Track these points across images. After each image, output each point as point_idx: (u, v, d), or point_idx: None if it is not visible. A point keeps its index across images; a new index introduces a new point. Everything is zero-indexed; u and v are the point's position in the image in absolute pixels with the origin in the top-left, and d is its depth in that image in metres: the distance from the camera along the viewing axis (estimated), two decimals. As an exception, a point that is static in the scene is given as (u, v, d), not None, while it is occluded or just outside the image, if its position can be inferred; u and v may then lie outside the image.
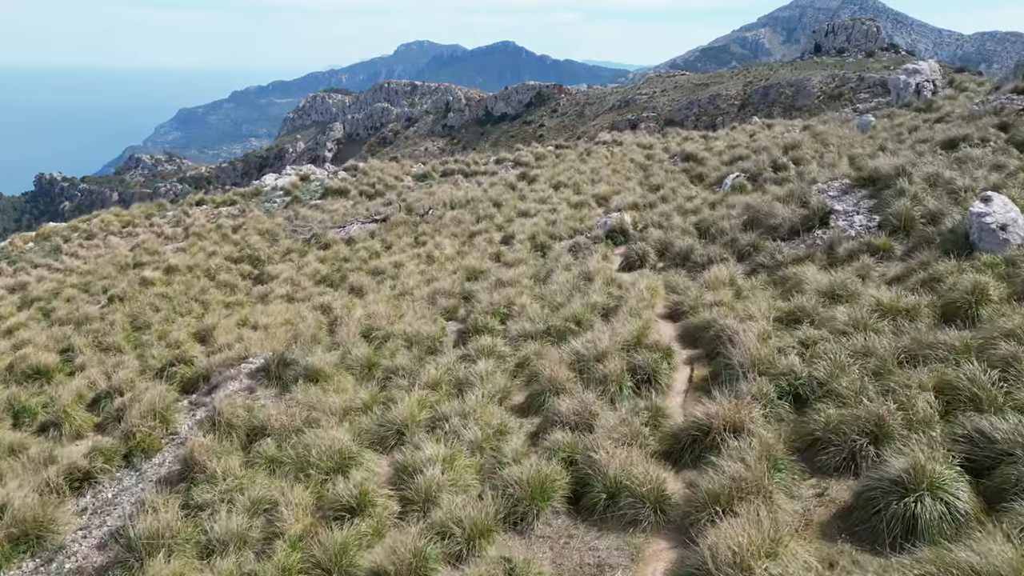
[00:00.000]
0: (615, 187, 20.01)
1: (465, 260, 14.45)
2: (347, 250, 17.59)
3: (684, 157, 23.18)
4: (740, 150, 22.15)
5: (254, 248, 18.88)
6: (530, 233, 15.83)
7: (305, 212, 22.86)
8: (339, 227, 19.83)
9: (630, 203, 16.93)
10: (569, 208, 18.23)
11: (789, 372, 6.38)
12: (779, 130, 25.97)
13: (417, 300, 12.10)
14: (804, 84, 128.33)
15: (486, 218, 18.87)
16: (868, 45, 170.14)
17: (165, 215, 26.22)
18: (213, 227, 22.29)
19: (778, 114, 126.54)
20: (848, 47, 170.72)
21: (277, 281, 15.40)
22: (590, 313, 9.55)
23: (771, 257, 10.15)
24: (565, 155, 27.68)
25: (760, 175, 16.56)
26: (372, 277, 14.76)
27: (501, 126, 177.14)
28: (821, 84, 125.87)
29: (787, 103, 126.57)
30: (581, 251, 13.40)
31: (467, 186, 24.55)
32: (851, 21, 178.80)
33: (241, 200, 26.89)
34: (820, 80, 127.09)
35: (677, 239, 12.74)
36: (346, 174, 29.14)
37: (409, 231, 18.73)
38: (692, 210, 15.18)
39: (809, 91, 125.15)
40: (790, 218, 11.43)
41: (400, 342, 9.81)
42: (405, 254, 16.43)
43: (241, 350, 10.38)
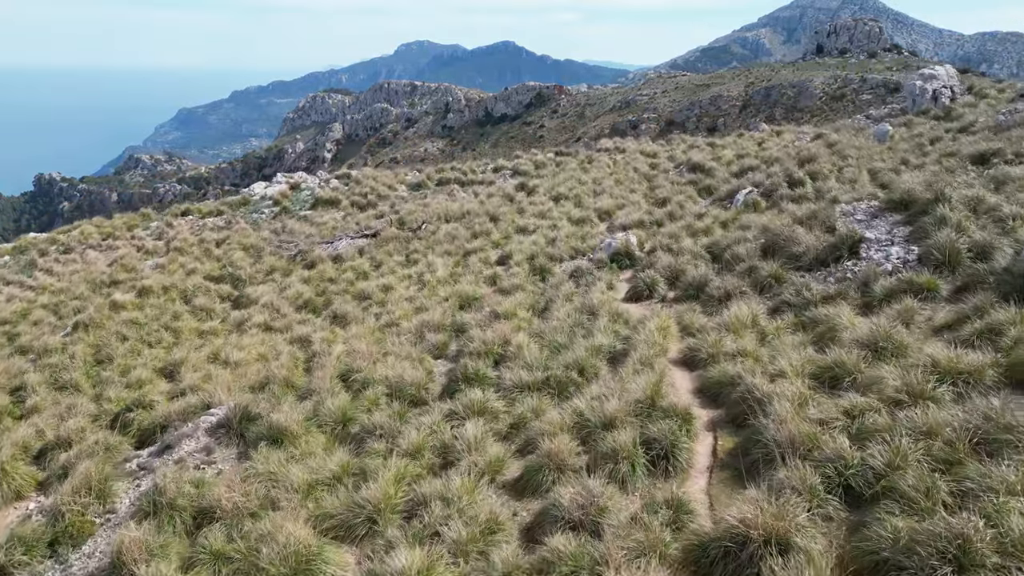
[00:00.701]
0: (619, 200, 18.92)
1: (458, 285, 13.36)
2: (333, 270, 16.51)
3: (691, 167, 22.09)
4: (750, 160, 21.07)
5: (236, 266, 17.78)
6: (528, 253, 14.74)
7: (293, 225, 21.76)
8: (327, 243, 18.74)
9: (635, 220, 15.83)
10: (570, 224, 17.14)
11: (838, 457, 5.28)
12: (789, 138, 24.88)
13: (404, 334, 11.01)
14: (806, 85, 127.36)
15: (482, 234, 17.78)
16: (870, 46, 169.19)
17: (149, 226, 25.12)
18: (196, 241, 21.20)
19: (780, 116, 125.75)
20: (850, 48, 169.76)
21: (256, 307, 14.30)
22: (595, 358, 8.46)
23: (797, 294, 9.05)
24: (565, 163, 26.59)
25: (775, 191, 15.47)
26: (358, 303, 13.67)
27: (501, 127, 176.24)
28: (823, 85, 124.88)
29: (789, 104, 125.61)
30: (584, 277, 12.30)
31: (463, 197, 23.46)
32: (853, 21, 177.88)
33: (228, 210, 25.79)
34: (822, 81, 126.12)
35: (689, 266, 11.64)
36: (338, 183, 28.05)
37: (400, 248, 17.64)
38: (703, 230, 14.08)
39: (811, 92, 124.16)
40: (815, 246, 10.33)
41: (381, 389, 8.72)
42: (395, 275, 15.33)
43: (205, 396, 9.29)
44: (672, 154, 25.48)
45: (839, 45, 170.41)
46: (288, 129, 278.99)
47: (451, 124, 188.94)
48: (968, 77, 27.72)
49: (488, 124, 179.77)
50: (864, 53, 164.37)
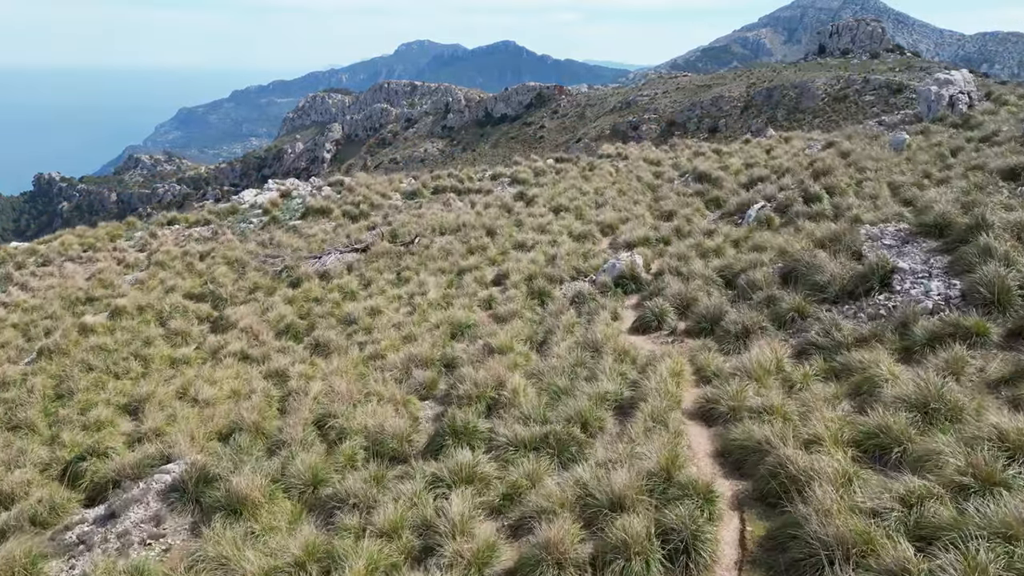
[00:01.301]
0: (622, 213, 17.95)
1: (450, 310, 12.39)
2: (319, 288, 15.53)
3: (697, 177, 21.12)
4: (759, 170, 20.10)
5: (218, 283, 16.81)
6: (526, 273, 13.77)
7: (281, 236, 20.79)
8: (314, 257, 17.77)
9: (640, 237, 14.86)
10: (571, 240, 16.18)
11: (901, 571, 4.32)
12: (798, 145, 23.91)
13: (389, 369, 10.04)
14: (808, 86, 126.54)
15: (478, 249, 16.82)
16: (873, 46, 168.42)
17: (132, 236, 24.16)
18: (179, 253, 20.23)
19: (782, 117, 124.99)
20: (853, 48, 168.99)
21: (234, 331, 13.33)
22: (599, 408, 7.50)
23: (826, 333, 8.08)
24: (566, 171, 25.62)
25: (789, 206, 14.50)
26: (342, 329, 12.70)
27: (501, 127, 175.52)
28: (826, 86, 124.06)
29: (791, 105, 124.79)
30: (586, 304, 11.34)
31: (459, 206, 22.49)
32: (855, 22, 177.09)
33: (215, 220, 24.83)
34: (824, 82, 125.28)
35: (700, 293, 10.68)
36: (330, 190, 27.08)
37: (391, 264, 16.67)
38: (713, 250, 13.11)
39: (813, 93, 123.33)
40: (841, 275, 9.36)
41: (359, 442, 7.76)
42: (384, 296, 14.37)
43: (165, 446, 8.34)
44: (677, 162, 24.51)
45: (841, 45, 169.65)
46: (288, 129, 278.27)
47: (451, 124, 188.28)
48: (985, 83, 26.54)
49: (488, 124, 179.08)
50: (866, 54, 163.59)
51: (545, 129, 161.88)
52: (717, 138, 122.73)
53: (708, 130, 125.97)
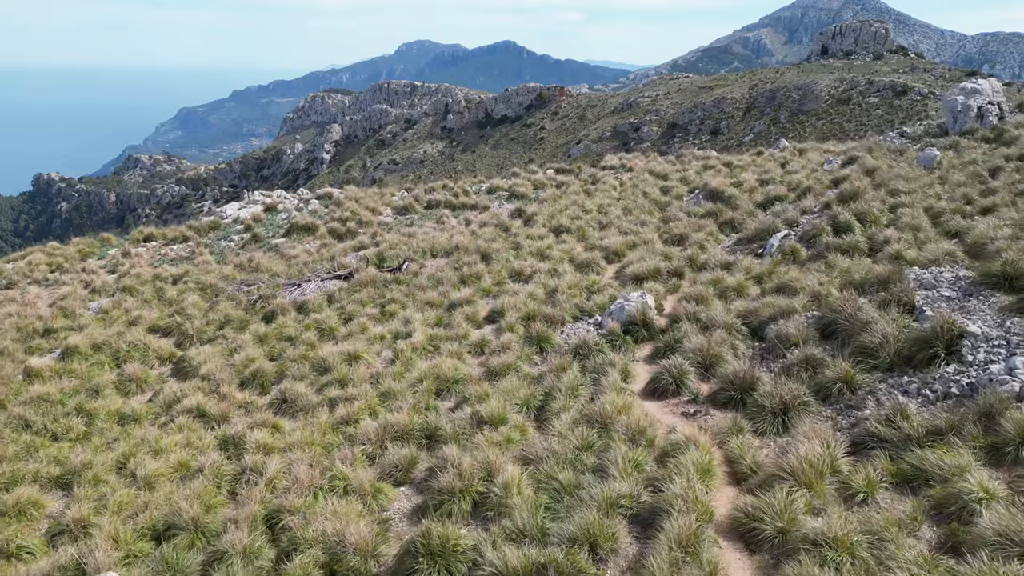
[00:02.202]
0: (628, 237, 16.45)
1: (437, 359, 10.90)
2: (295, 324, 14.04)
3: (708, 195, 19.63)
4: (776, 188, 18.62)
5: (186, 315, 15.32)
6: (523, 311, 12.27)
7: (260, 258, 19.30)
8: (293, 284, 16.28)
9: (650, 269, 13.37)
10: (573, 270, 14.68)
11: None
12: (815, 158, 22.41)
13: (360, 442, 8.55)
14: (811, 87, 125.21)
15: (471, 279, 15.33)
16: (876, 48, 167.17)
17: (106, 254, 22.67)
18: (151, 277, 18.74)
19: (785, 119, 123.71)
20: (856, 49, 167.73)
21: (196, 379, 11.83)
22: (610, 518, 6.01)
23: (888, 421, 6.58)
24: (567, 185, 24.13)
25: (817, 236, 13.01)
26: (314, 379, 11.20)
27: (501, 128, 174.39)
28: (829, 88, 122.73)
29: (794, 107, 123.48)
30: (591, 357, 9.84)
31: (453, 224, 21.01)
32: (859, 23, 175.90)
33: (195, 236, 23.34)
34: (828, 84, 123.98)
35: (724, 348, 9.19)
36: (318, 203, 25.60)
37: (376, 295, 15.17)
38: (734, 288, 11.62)
39: (817, 95, 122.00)
40: (894, 336, 7.87)
41: (314, 556, 6.28)
42: (364, 335, 12.87)
43: (84, 550, 6.86)
44: (685, 175, 23.02)
45: (844, 47, 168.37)
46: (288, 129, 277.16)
47: (451, 126, 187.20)
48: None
49: (488, 126, 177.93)
50: (870, 55, 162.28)
51: (545, 131, 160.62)
52: (719, 140, 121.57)
53: (710, 132, 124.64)
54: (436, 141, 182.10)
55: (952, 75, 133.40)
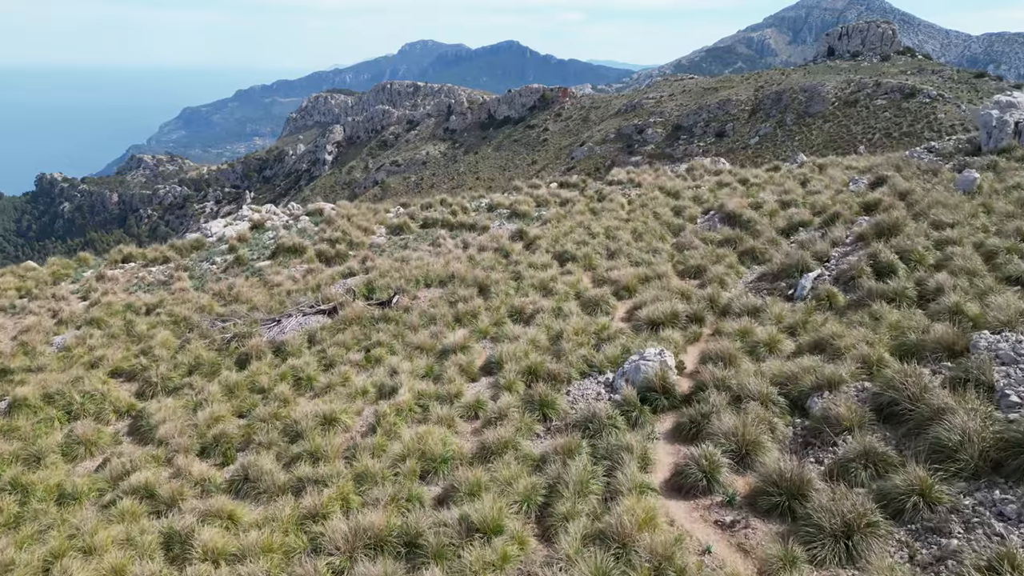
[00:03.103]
0: (640, 269, 14.98)
1: (424, 426, 9.44)
2: (270, 370, 12.60)
3: (724, 217, 18.17)
4: (799, 212, 17.16)
5: (154, 355, 13.90)
6: (524, 365, 10.81)
7: (241, 286, 17.88)
8: (273, 320, 14.85)
9: (667, 313, 11.89)
10: (580, 310, 13.21)
11: None
12: (838, 176, 20.91)
13: (328, 550, 7.11)
14: (818, 89, 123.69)
15: (468, 316, 13.88)
16: (883, 49, 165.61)
17: (81, 276, 21.28)
18: (122, 307, 17.33)
19: (791, 121, 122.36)
20: (863, 51, 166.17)
21: (149, 447, 10.41)
22: None
23: (989, 569, 5.12)
24: (571, 202, 22.66)
25: (856, 279, 11.53)
26: (282, 448, 9.75)
27: (504, 130, 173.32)
28: (836, 90, 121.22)
29: (800, 109, 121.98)
30: (603, 435, 8.39)
31: (450, 247, 19.56)
32: (866, 24, 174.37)
33: (176, 257, 21.94)
34: (835, 86, 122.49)
35: (762, 432, 7.73)
36: (308, 220, 24.17)
37: (361, 335, 13.73)
38: (765, 343, 10.14)
39: (824, 97, 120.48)
40: (977, 433, 6.41)
41: None
42: (345, 389, 11.43)
43: None
44: (698, 194, 21.53)
45: (851, 48, 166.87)
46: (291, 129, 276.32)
47: (453, 127, 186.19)
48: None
49: (491, 127, 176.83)
50: (877, 56, 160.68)
51: (549, 132, 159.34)
52: (725, 142, 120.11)
53: (715, 134, 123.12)
54: (439, 142, 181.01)
55: (960, 76, 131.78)
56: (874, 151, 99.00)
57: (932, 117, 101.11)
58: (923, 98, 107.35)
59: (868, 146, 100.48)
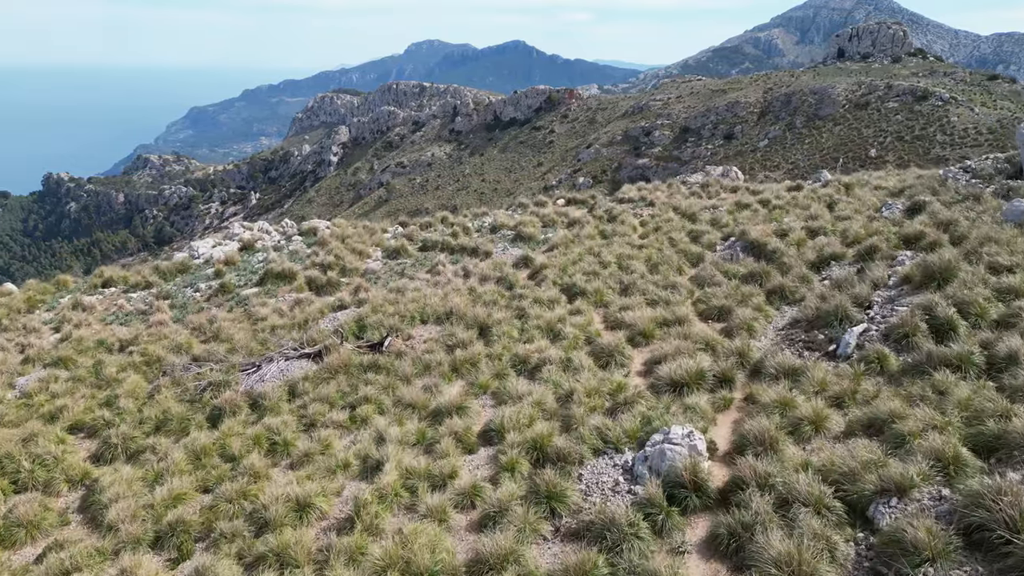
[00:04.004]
0: (658, 310, 13.53)
1: (411, 523, 8.04)
2: (244, 430, 11.22)
3: (747, 246, 16.71)
4: (830, 242, 15.68)
5: (118, 409, 12.55)
6: (529, 437, 9.39)
7: (224, 320, 16.52)
8: (252, 366, 13.47)
9: (691, 371, 10.45)
10: (592, 362, 11.77)
11: None
12: (868, 199, 19.41)
13: None
14: (828, 91, 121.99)
15: (466, 365, 12.46)
16: (894, 50, 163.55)
17: (58, 302, 19.97)
18: (94, 343, 16.00)
19: (801, 124, 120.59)
20: (873, 52, 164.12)
21: (95, 536, 9.03)
22: None
23: None
24: (580, 224, 21.21)
25: (909, 336, 10.07)
26: (246, 542, 8.35)
27: (510, 131, 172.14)
28: (846, 92, 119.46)
29: (810, 112, 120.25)
30: (623, 547, 6.96)
31: (449, 276, 18.14)
32: (876, 25, 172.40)
33: (159, 282, 20.60)
34: (845, 88, 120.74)
35: (820, 560, 6.30)
36: (301, 240, 22.81)
37: (348, 386, 12.34)
38: (810, 419, 8.68)
39: (834, 99, 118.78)
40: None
41: None
42: (324, 459, 10.03)
43: None
44: (716, 216, 20.05)
45: (861, 49, 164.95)
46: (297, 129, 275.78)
47: (459, 128, 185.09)
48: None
49: (497, 128, 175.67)
50: (887, 58, 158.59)
51: (555, 134, 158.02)
52: (733, 145, 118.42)
53: (723, 137, 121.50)
54: (444, 144, 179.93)
55: (973, 79, 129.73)
56: (886, 154, 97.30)
57: (945, 120, 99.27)
58: (935, 101, 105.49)
59: (879, 149, 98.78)
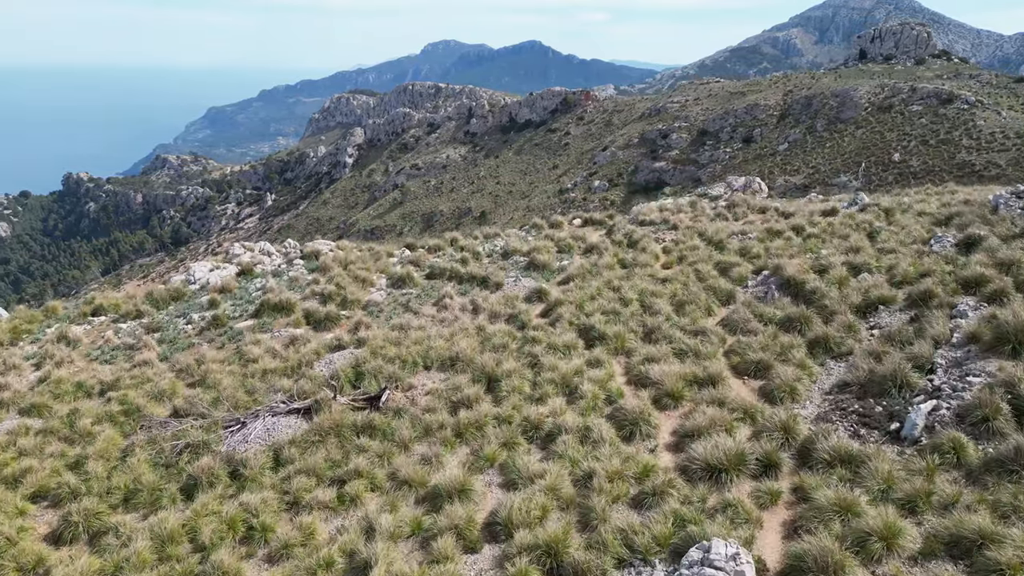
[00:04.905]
0: (687, 365, 12.09)
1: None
2: (220, 507, 9.92)
3: (782, 285, 15.21)
4: (876, 282, 14.17)
5: (85, 473, 11.31)
6: (543, 539, 8.01)
7: (212, 360, 15.26)
8: (236, 423, 12.19)
9: (730, 454, 9.01)
10: (614, 432, 10.36)
11: None
12: (912, 228, 17.80)
13: None
14: (850, 94, 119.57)
15: (470, 428, 11.10)
16: (918, 52, 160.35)
17: (43, 334, 18.85)
18: (72, 386, 14.81)
19: (822, 127, 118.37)
20: (896, 54, 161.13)
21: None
22: None
23: None
24: (598, 252, 19.78)
25: (988, 419, 8.57)
26: None
27: (525, 133, 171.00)
28: (869, 95, 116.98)
29: (831, 115, 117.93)
30: None
31: (456, 309, 16.78)
32: (899, 26, 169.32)
33: (151, 311, 19.42)
34: (868, 90, 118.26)
35: None
36: (303, 265, 21.57)
37: (339, 455, 11.01)
38: (880, 533, 7.22)
39: (856, 102, 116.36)
40: None
41: None
42: (305, 555, 8.71)
43: None
44: (745, 245, 18.54)
45: (884, 51, 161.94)
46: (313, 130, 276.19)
47: (474, 130, 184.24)
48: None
49: (512, 131, 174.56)
50: (911, 59, 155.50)
51: (570, 136, 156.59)
52: (752, 148, 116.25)
53: (742, 140, 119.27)
54: (459, 146, 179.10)
55: (999, 81, 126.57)
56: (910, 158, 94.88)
57: (971, 124, 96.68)
58: (961, 104, 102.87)
59: (903, 154, 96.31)
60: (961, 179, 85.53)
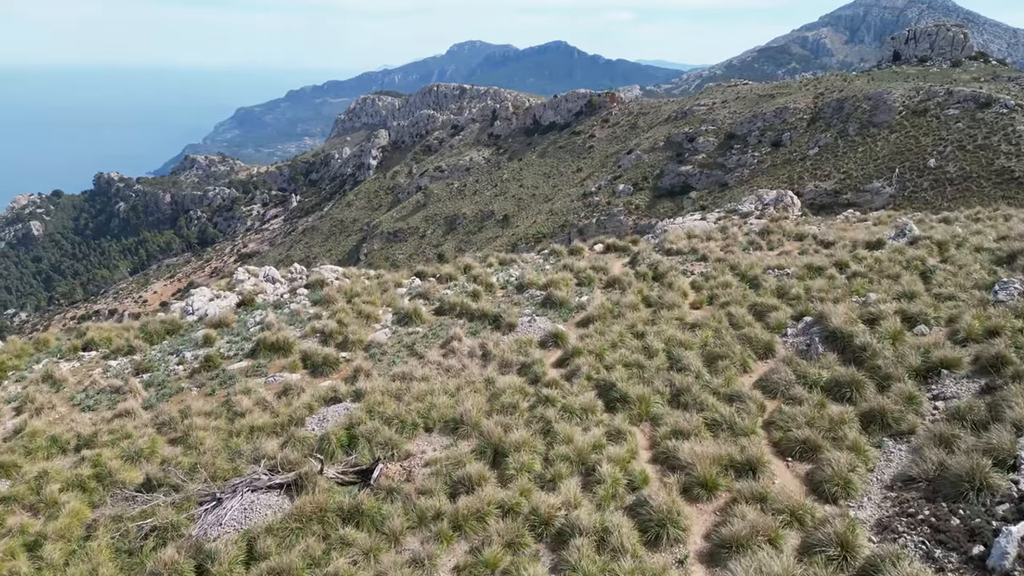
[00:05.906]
0: (720, 443, 10.55)
1: None
2: (179, 620, 8.63)
3: (827, 337, 13.56)
4: (935, 341, 12.52)
5: (41, 559, 10.09)
6: None
7: (197, 412, 14.02)
8: (211, 499, 10.90)
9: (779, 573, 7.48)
10: (637, 539, 8.85)
11: None
12: (970, 265, 16.02)
13: None
14: (884, 97, 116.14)
15: (471, 519, 9.68)
16: (954, 54, 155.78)
17: (32, 368, 17.84)
18: (47, 441, 13.67)
19: (854, 131, 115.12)
20: (931, 55, 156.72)
21: None
22: None
23: None
24: (621, 288, 18.23)
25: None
26: None
27: (549, 136, 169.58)
28: (903, 98, 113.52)
29: (864, 119, 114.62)
30: None
31: (464, 355, 15.37)
32: (935, 27, 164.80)
33: (143, 347, 18.31)
34: (902, 93, 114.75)
35: None
36: (307, 295, 20.33)
37: (320, 548, 9.64)
38: None
39: (890, 106, 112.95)
40: None
41: None
42: None
43: None
44: (783, 285, 16.87)
45: (919, 52, 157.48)
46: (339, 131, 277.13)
47: (498, 132, 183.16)
48: None
49: (536, 133, 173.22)
50: (947, 61, 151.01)
51: (595, 139, 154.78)
52: (781, 152, 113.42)
53: (771, 144, 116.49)
54: (483, 148, 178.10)
55: None
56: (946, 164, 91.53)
57: (1010, 129, 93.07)
58: (1000, 108, 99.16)
59: (939, 159, 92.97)
60: (1000, 185, 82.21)
